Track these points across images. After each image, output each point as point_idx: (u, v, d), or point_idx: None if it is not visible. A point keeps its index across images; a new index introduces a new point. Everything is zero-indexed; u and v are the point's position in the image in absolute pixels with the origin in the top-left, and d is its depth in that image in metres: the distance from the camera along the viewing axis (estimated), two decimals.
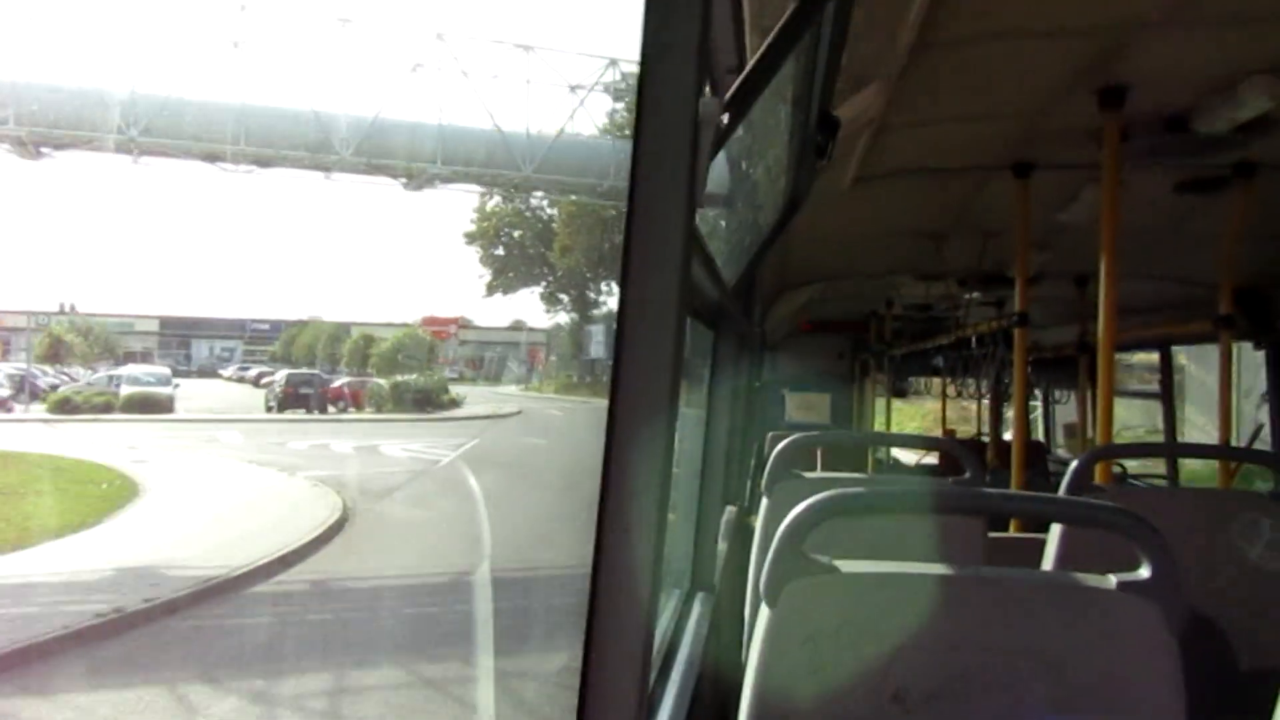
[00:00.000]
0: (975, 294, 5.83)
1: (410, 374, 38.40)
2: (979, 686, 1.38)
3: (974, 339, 5.89)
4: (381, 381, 37.15)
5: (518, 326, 53.86)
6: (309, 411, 32.87)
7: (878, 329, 8.21)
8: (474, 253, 50.21)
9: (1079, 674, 1.36)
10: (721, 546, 3.35)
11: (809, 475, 2.90)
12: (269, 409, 33.16)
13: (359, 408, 34.83)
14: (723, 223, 2.44)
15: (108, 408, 29.21)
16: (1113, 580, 1.39)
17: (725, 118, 1.18)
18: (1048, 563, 2.19)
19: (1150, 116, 2.79)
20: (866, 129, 2.75)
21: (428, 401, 34.95)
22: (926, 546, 1.58)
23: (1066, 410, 8.95)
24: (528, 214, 49.28)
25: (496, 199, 47.91)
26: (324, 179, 25.14)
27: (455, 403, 36.02)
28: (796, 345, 9.43)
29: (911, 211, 4.19)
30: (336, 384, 36.47)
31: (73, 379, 35.01)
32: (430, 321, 53.37)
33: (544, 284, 49.60)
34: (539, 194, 45.46)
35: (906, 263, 5.40)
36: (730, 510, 3.68)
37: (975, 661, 1.39)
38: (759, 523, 2.78)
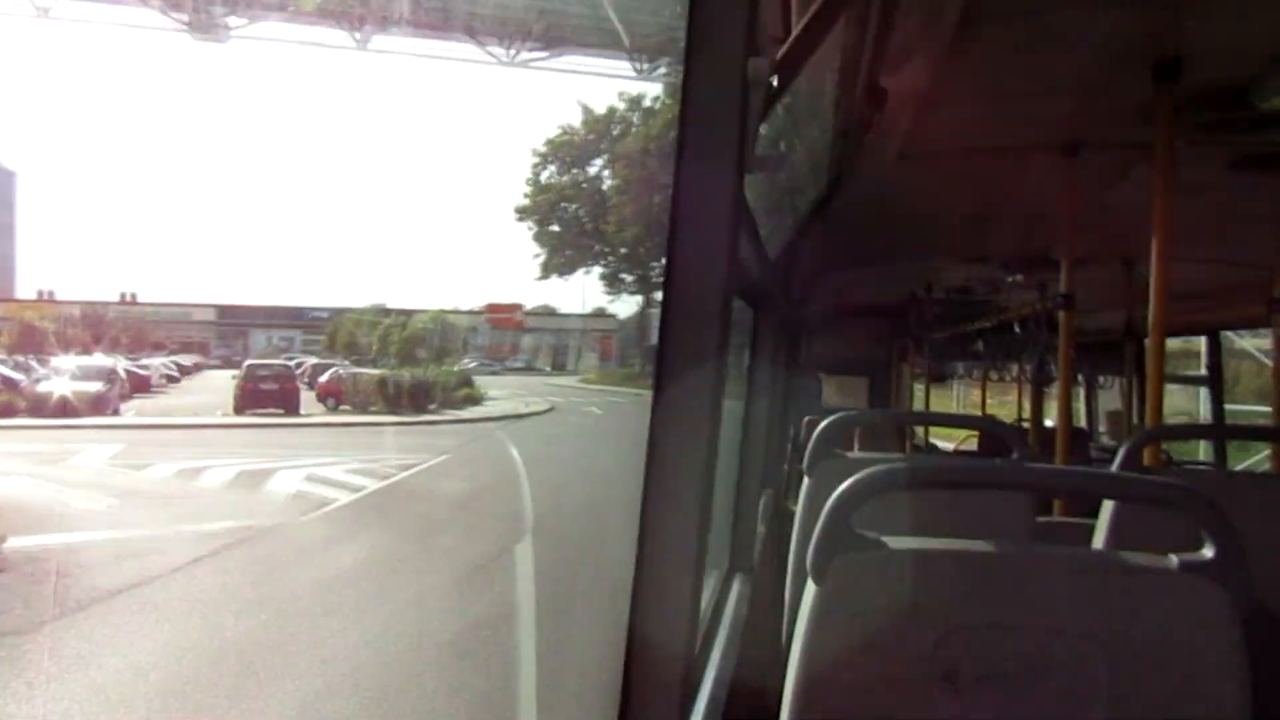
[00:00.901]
0: (1018, 277, 5.73)
1: (436, 364, 34.38)
2: (1034, 668, 1.35)
3: (1016, 322, 5.79)
4: (371, 373, 31.51)
5: (599, 313, 50.63)
6: (287, 412, 26.95)
7: (917, 313, 8.11)
8: (525, 230, 46.41)
9: (1139, 658, 1.32)
10: (760, 529, 3.33)
11: (851, 455, 2.87)
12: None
13: (338, 405, 29.13)
14: (763, 201, 2.41)
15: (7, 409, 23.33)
16: (1174, 560, 1.35)
17: (774, 80, 1.16)
18: (1099, 544, 2.14)
19: (1206, 91, 2.71)
20: (911, 104, 2.70)
21: (426, 398, 29.91)
22: (971, 529, 1.55)
23: (1108, 398, 8.80)
24: (584, 184, 45.66)
25: (551, 169, 45.07)
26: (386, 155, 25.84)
27: (474, 399, 31.57)
28: (833, 329, 9.35)
29: (956, 191, 4.12)
30: (325, 378, 31.00)
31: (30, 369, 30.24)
32: (494, 309, 51.23)
33: (604, 264, 45.94)
34: (597, 162, 43.57)
35: (949, 245, 5.32)
36: (767, 494, 3.66)
37: (1030, 642, 1.36)
38: (800, 502, 2.75)
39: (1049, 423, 6.85)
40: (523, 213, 45.34)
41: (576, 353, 50.34)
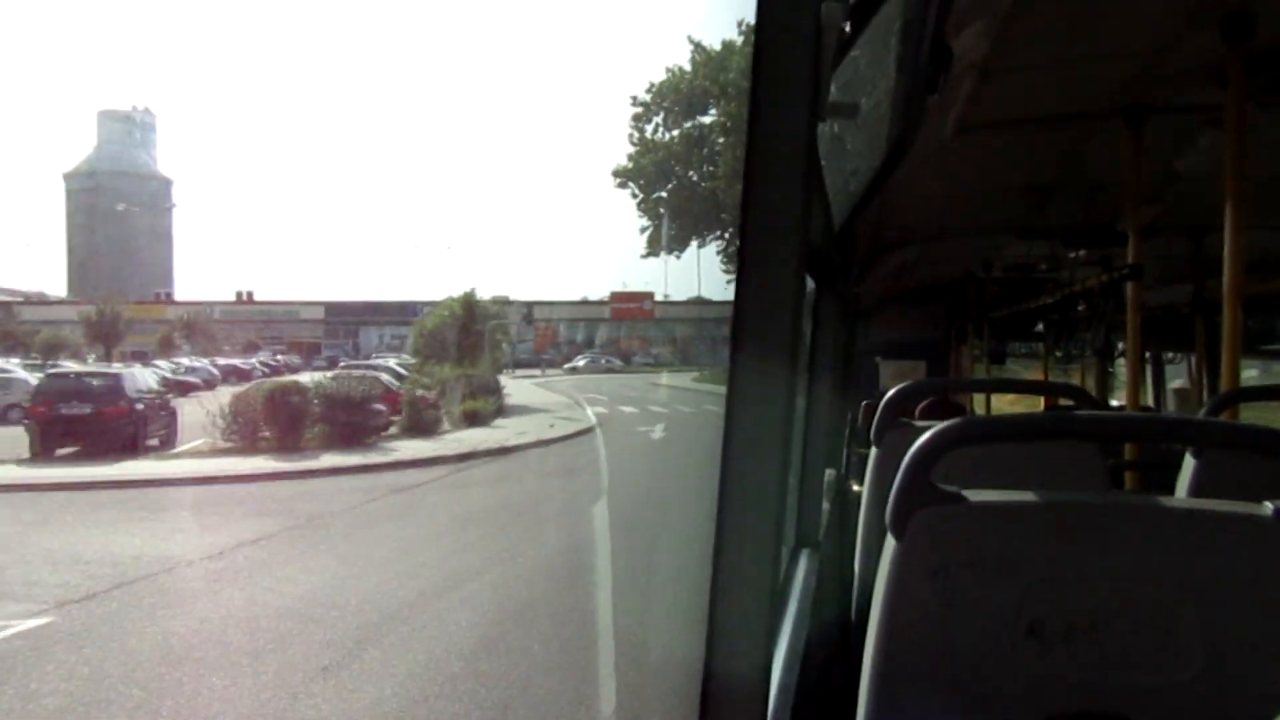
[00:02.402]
0: (1080, 252, 5.60)
1: (456, 364, 28.99)
2: (1122, 620, 1.32)
3: (1081, 296, 5.66)
4: (304, 381, 21.92)
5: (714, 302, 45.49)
6: (110, 452, 17.26)
7: (975, 293, 7.98)
8: (625, 198, 37.93)
9: (1233, 608, 1.28)
10: (825, 507, 3.32)
11: (918, 423, 2.84)
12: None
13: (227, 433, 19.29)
14: (825, 168, 2.39)
15: None
16: (1269, 508, 1.30)
17: (846, 26, 1.15)
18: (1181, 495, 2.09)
19: (1279, 49, 2.62)
20: (970, 73, 2.66)
21: (364, 419, 20.33)
22: (1045, 487, 1.52)
23: (1173, 377, 8.57)
24: (697, 138, 38.31)
25: (657, 120, 38.51)
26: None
27: (481, 415, 24.55)
28: (890, 312, 9.25)
29: (1016, 164, 4.04)
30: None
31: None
32: (619, 298, 48.32)
33: (722, 235, 39.24)
34: (713, 113, 36.40)
35: (1009, 220, 5.23)
36: (830, 474, 3.65)
37: (1117, 594, 1.33)
38: (869, 472, 2.74)
39: (1115, 402, 6.70)
40: (624, 177, 36.85)
41: (711, 345, 46.00)
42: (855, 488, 4.45)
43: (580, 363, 48.25)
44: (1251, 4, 2.40)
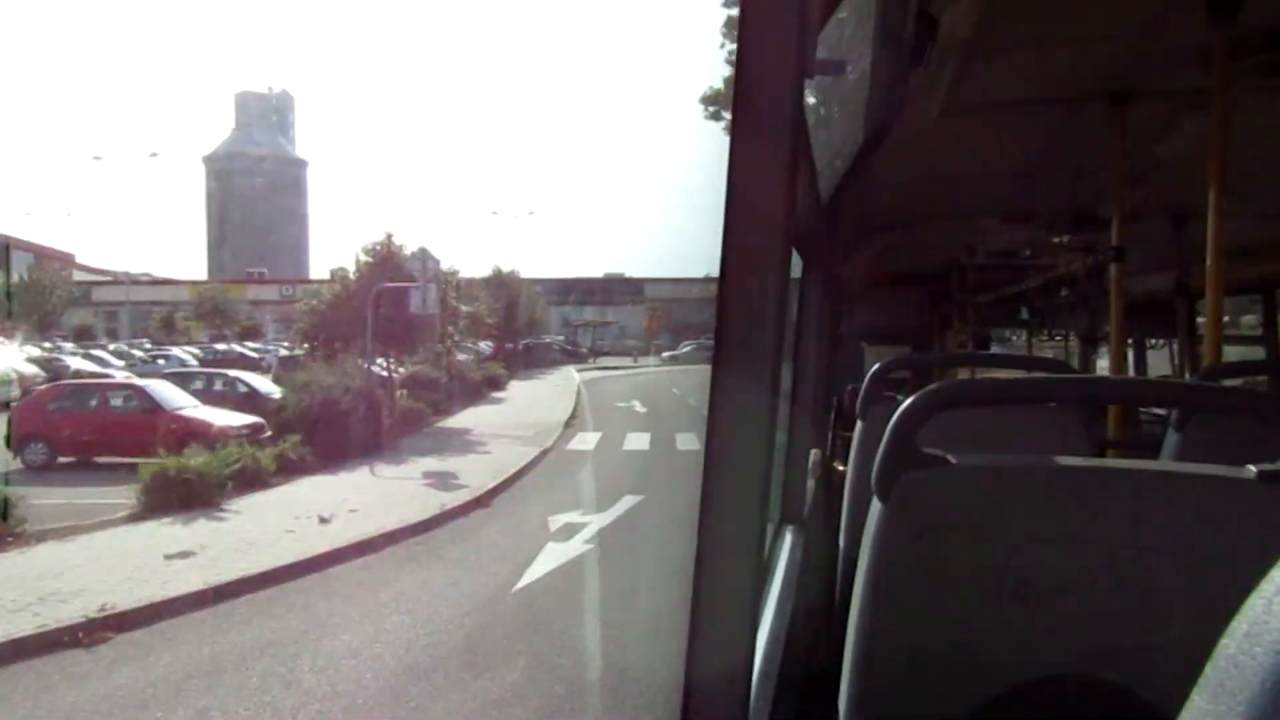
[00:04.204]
0: (1064, 237, 5.62)
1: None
2: (1107, 582, 1.31)
3: (1065, 279, 5.67)
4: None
5: None
6: None
7: (960, 279, 7.99)
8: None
9: (1217, 569, 1.27)
10: (810, 484, 3.32)
11: (903, 398, 2.84)
12: None
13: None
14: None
15: None
16: (1252, 470, 1.30)
17: None
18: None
19: (1265, 32, 2.62)
20: (956, 52, 2.64)
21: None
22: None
23: (1155, 364, 8.62)
24: None
25: None
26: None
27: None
28: (874, 298, 9.24)
29: (1000, 147, 4.04)
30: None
31: None
32: None
33: None
34: None
35: (993, 204, 5.23)
36: (815, 453, 3.65)
37: (1103, 556, 1.32)
38: (854, 444, 2.73)
39: None
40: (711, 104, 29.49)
41: None
42: (840, 467, 4.45)
43: (684, 349, 43.41)
44: None
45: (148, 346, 39.22)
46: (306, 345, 24.51)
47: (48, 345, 35.18)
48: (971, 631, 1.34)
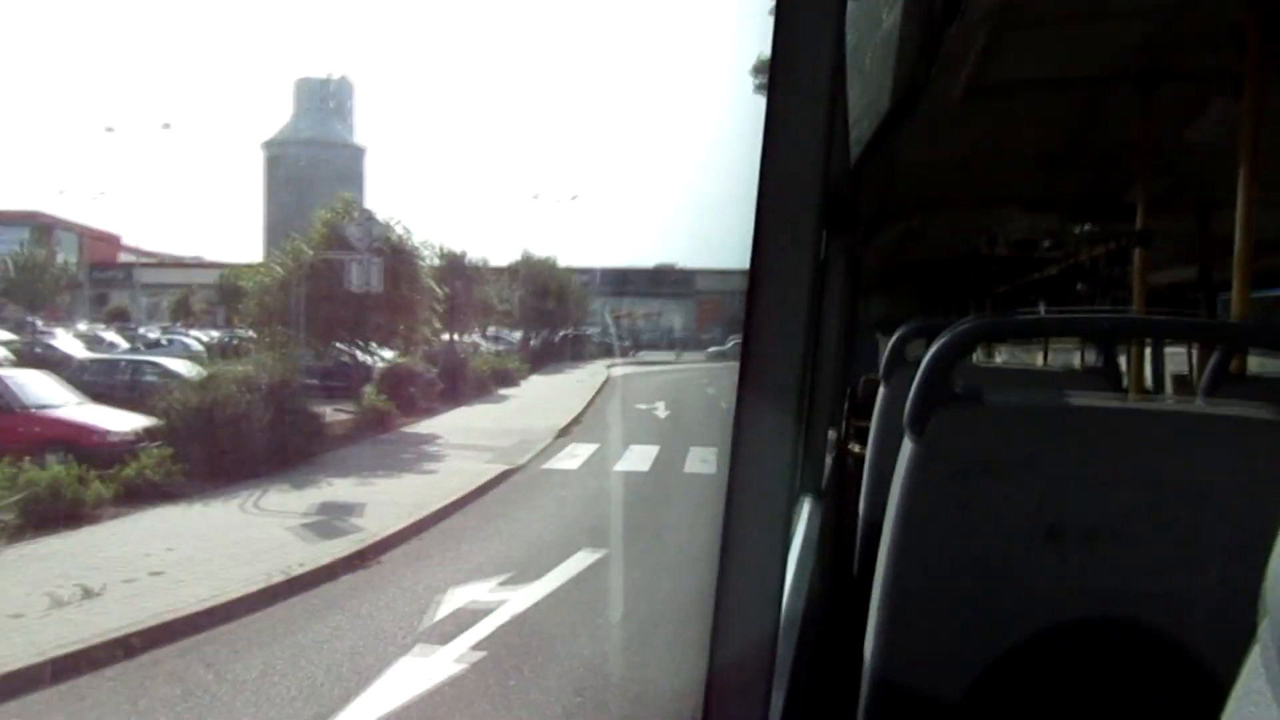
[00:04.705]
0: (1085, 227, 5.55)
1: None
2: (1141, 524, 1.28)
3: (1087, 266, 5.60)
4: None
5: None
6: None
7: (978, 268, 7.92)
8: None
9: (1252, 510, 1.24)
10: (828, 461, 3.30)
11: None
12: None
13: None
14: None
15: None
16: None
17: None
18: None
19: None
20: (983, 27, 2.59)
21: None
22: None
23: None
24: None
25: None
26: None
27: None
28: (889, 287, 9.19)
29: (1025, 130, 3.98)
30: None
31: None
32: None
33: None
34: None
35: (1015, 190, 5.17)
36: (831, 434, 3.62)
37: (1136, 498, 1.29)
38: (876, 410, 2.70)
39: None
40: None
41: None
42: (855, 449, 4.41)
43: (731, 343, 40.25)
44: None
45: (156, 331, 38.91)
46: (254, 332, 20.35)
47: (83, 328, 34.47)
48: (1004, 573, 1.31)
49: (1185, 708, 1.24)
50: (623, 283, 54.92)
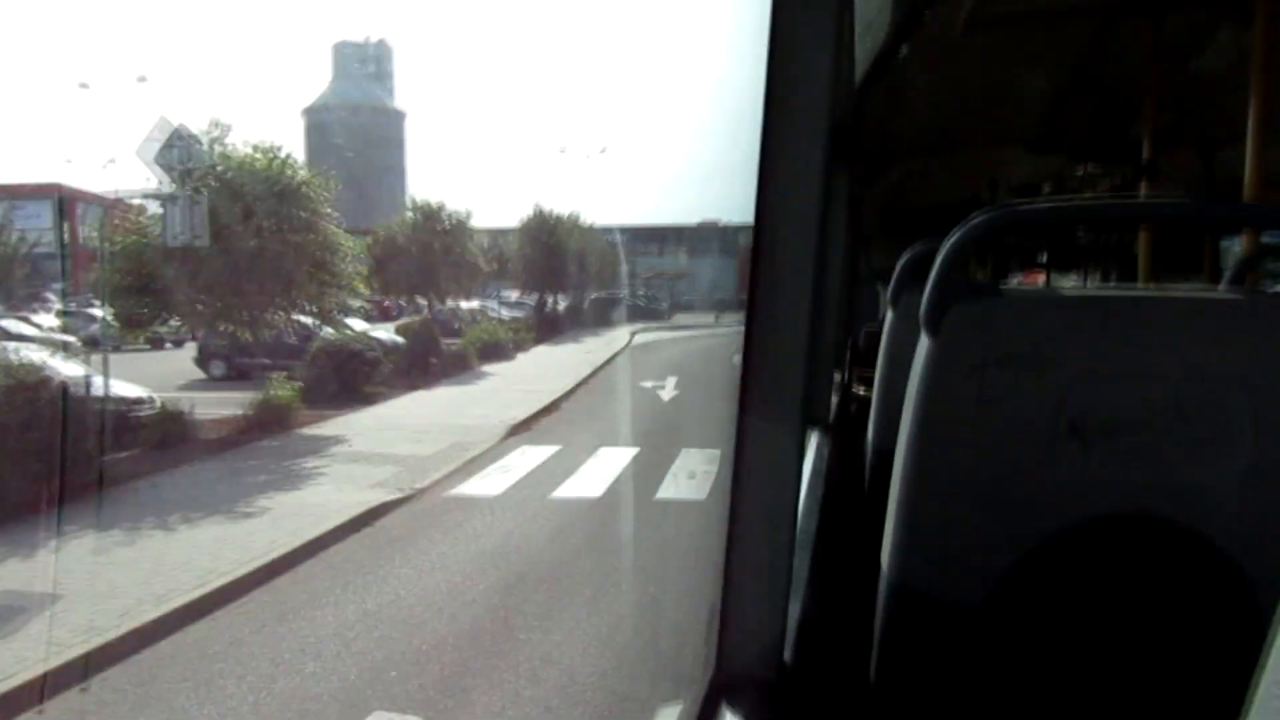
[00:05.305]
0: (1089, 168, 5.48)
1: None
2: (1167, 416, 1.23)
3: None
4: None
5: None
6: None
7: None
8: None
9: None
10: (833, 399, 3.27)
11: None
12: None
13: None
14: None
15: None
16: None
17: None
18: None
19: None
20: None
21: None
22: None
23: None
24: None
25: None
26: None
27: None
28: (889, 239, 9.12)
29: (1027, 65, 3.89)
30: None
31: None
32: None
33: None
34: None
35: (1018, 130, 5.08)
36: (837, 373, 3.58)
37: (1165, 389, 1.24)
38: (884, 336, 2.65)
39: None
40: None
41: None
42: (861, 391, 4.37)
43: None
44: None
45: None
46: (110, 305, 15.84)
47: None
48: (1025, 471, 1.26)
49: (1213, 602, 1.20)
50: (659, 240, 53.77)
